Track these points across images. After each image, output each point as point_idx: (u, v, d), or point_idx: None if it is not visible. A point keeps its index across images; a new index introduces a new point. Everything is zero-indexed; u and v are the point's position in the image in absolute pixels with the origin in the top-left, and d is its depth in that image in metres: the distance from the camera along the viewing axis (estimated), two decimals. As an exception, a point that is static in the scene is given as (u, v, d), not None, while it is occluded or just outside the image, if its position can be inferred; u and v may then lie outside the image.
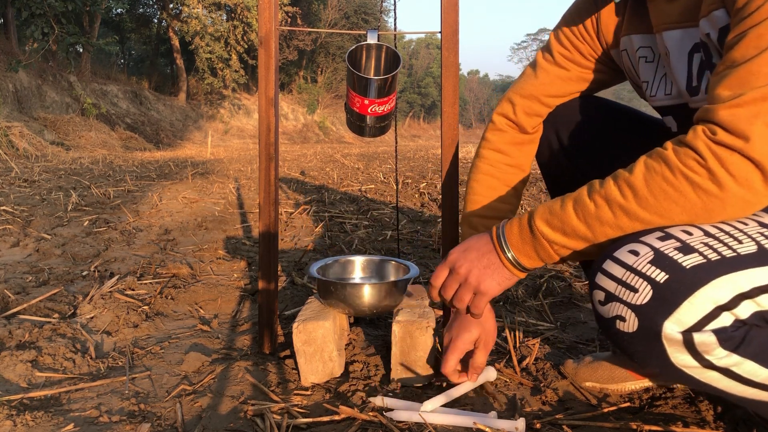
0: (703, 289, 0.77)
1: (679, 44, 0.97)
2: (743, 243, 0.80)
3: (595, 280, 0.86)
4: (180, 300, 1.84)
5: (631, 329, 0.82)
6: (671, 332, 0.79)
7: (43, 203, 3.73)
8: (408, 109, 44.32)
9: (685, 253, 0.80)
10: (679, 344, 0.80)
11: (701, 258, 0.79)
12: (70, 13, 14.81)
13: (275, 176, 1.36)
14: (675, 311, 0.78)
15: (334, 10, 30.33)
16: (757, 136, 0.74)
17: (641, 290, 0.81)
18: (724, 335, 0.78)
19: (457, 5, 1.31)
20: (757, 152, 0.74)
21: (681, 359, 0.81)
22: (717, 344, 0.78)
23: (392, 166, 7.37)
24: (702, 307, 0.78)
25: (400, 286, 1.29)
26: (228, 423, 1.06)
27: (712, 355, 0.79)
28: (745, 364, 0.79)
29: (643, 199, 0.82)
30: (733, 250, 0.79)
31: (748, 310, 0.78)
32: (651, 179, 0.81)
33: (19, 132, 9.42)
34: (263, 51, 1.32)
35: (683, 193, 0.79)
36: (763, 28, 0.76)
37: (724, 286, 0.77)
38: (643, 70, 1.09)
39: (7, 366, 1.28)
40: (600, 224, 0.85)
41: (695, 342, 0.79)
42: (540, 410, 1.11)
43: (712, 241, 0.81)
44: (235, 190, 4.58)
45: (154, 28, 24.22)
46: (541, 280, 2.01)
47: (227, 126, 22.98)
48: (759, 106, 0.75)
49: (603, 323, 0.88)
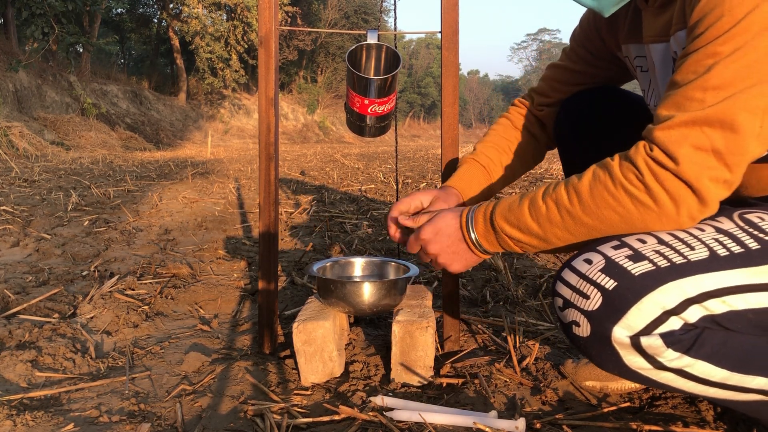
0: (650, 295, 0.82)
1: (662, 57, 1.00)
2: (695, 249, 0.84)
3: (555, 287, 0.92)
4: (180, 300, 1.84)
5: (585, 334, 0.88)
6: (620, 336, 0.84)
7: (43, 203, 3.73)
8: (408, 109, 44.33)
9: (635, 261, 0.84)
10: (629, 347, 0.84)
11: (650, 265, 0.83)
12: (70, 13, 14.81)
13: (275, 176, 1.36)
14: (623, 317, 0.83)
15: (334, 10, 30.33)
16: (684, 159, 0.79)
17: (592, 297, 0.86)
18: (672, 338, 0.82)
19: (457, 5, 1.31)
20: (687, 174, 0.79)
21: (634, 361, 0.86)
22: (665, 347, 0.83)
23: (392, 166, 7.37)
24: (649, 312, 0.82)
25: (400, 285, 1.29)
26: (228, 423, 1.06)
27: (663, 357, 0.84)
28: (697, 364, 0.83)
29: (586, 206, 0.87)
30: (683, 256, 0.83)
31: (696, 314, 0.81)
32: (594, 188, 0.86)
33: (19, 132, 9.42)
34: (263, 51, 1.32)
35: (622, 204, 0.84)
36: (702, 54, 0.80)
37: (672, 292, 0.81)
38: (641, 79, 1.13)
39: (7, 366, 1.28)
40: (550, 225, 0.91)
41: (643, 345, 0.83)
42: (540, 410, 1.11)
43: (664, 248, 0.84)
44: (235, 190, 4.58)
45: (154, 28, 24.21)
46: (541, 280, 2.01)
47: (227, 126, 22.98)
48: (688, 129, 0.79)
49: (563, 328, 0.93)
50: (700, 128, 0.79)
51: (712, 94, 0.78)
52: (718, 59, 0.78)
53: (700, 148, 0.79)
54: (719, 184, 0.80)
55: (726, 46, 0.78)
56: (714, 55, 0.79)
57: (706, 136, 0.78)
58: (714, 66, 0.78)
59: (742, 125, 0.77)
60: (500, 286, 1.96)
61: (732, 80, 0.77)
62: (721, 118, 0.78)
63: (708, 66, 0.79)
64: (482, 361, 1.32)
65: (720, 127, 0.78)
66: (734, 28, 0.77)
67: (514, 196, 0.97)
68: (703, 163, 0.79)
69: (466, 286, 1.96)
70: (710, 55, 0.79)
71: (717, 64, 0.78)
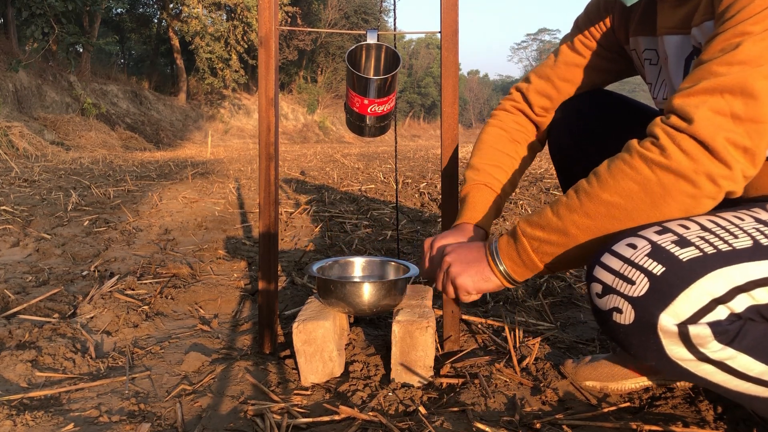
0: (699, 282, 0.79)
1: (678, 50, 0.99)
2: (739, 237, 0.82)
3: (593, 273, 0.88)
4: (180, 300, 1.84)
5: (628, 321, 0.84)
6: (667, 324, 0.80)
7: (43, 203, 3.73)
8: (408, 109, 44.32)
9: (682, 246, 0.81)
10: (674, 336, 0.81)
11: (698, 251, 0.80)
12: (70, 13, 14.81)
13: (275, 176, 1.36)
14: (671, 303, 0.79)
15: (334, 10, 30.33)
16: (700, 118, 0.79)
17: (638, 282, 0.82)
18: (719, 328, 0.79)
19: (456, 5, 1.31)
20: (700, 131, 0.79)
21: (676, 352, 0.82)
22: (712, 337, 0.80)
23: (392, 166, 7.37)
24: (698, 299, 0.79)
25: (399, 286, 1.29)
26: (228, 423, 1.06)
27: (707, 348, 0.80)
28: (739, 357, 0.80)
29: (603, 182, 0.86)
30: (728, 244, 0.81)
31: (743, 304, 0.79)
32: (612, 163, 0.87)
33: (19, 132, 9.42)
34: (263, 51, 1.32)
35: (638, 170, 0.83)
36: (730, 33, 0.80)
37: (720, 280, 0.79)
38: (648, 72, 1.11)
39: (7, 366, 1.28)
40: (569, 212, 0.89)
41: (690, 334, 0.80)
42: (540, 410, 1.11)
43: (708, 235, 0.82)
44: (235, 190, 4.58)
45: (154, 28, 24.21)
46: (541, 280, 2.01)
47: (227, 126, 22.98)
48: (707, 95, 0.80)
49: (600, 316, 0.89)
50: (720, 94, 0.79)
51: (737, 68, 0.78)
52: (747, 37, 0.78)
53: (719, 112, 0.79)
54: (738, 148, 0.79)
55: (758, 26, 0.78)
56: (743, 34, 0.79)
57: (725, 101, 0.78)
58: (742, 43, 0.78)
59: (763, 92, 0.77)
60: (500, 286, 1.96)
61: (759, 56, 0.77)
62: (742, 85, 0.78)
63: (736, 44, 0.79)
64: (482, 361, 1.32)
65: (740, 94, 0.78)
66: (767, 10, 0.77)
67: None
68: (719, 124, 0.78)
69: (466, 286, 1.96)
70: (739, 34, 0.79)
71: (745, 41, 0.78)
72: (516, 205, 3.80)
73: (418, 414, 1.06)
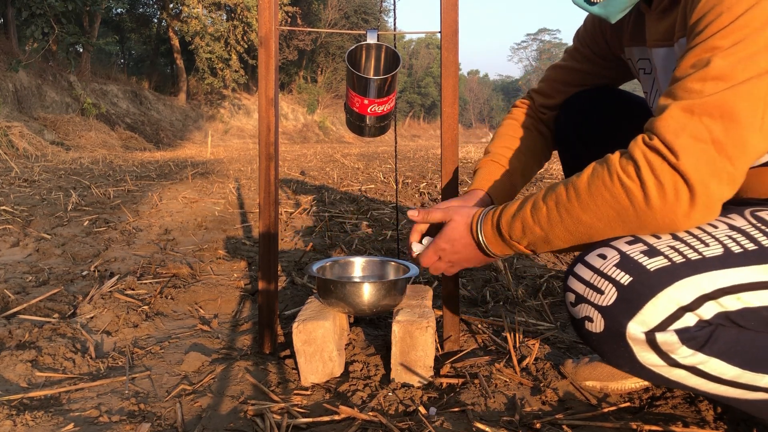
0: (665, 291, 0.81)
1: (665, 62, 1.00)
2: (710, 246, 0.83)
3: (567, 282, 0.91)
4: (180, 300, 1.84)
5: (599, 330, 0.86)
6: (635, 332, 0.83)
7: (43, 203, 3.73)
8: (408, 109, 44.32)
9: (650, 256, 0.83)
10: (643, 344, 0.83)
11: (666, 261, 0.82)
12: (70, 13, 14.81)
13: (275, 176, 1.36)
14: (638, 312, 0.82)
15: (334, 10, 30.33)
16: (684, 151, 0.77)
17: (607, 292, 0.84)
18: (687, 335, 0.81)
19: (456, 5, 1.31)
20: (686, 168, 0.77)
21: (647, 358, 0.85)
22: (680, 343, 0.82)
23: (392, 166, 7.37)
24: (664, 308, 0.81)
25: (399, 286, 1.29)
26: (228, 423, 1.06)
27: (677, 354, 0.83)
28: (710, 362, 0.82)
29: (583, 202, 0.86)
30: (698, 252, 0.82)
31: (711, 311, 0.80)
32: (592, 183, 0.85)
33: (19, 132, 9.42)
34: (263, 51, 1.32)
35: (617, 199, 0.82)
36: (700, 49, 0.80)
37: (687, 288, 0.80)
38: (644, 82, 1.13)
39: (7, 366, 1.28)
40: (550, 226, 0.91)
41: (658, 341, 0.82)
42: (540, 410, 1.11)
43: (678, 244, 0.83)
44: (235, 190, 4.58)
45: (154, 28, 24.21)
46: (541, 280, 2.01)
47: (227, 126, 22.98)
48: (686, 118, 0.78)
49: (574, 324, 0.92)
50: (699, 118, 0.77)
51: (711, 85, 0.77)
52: (717, 52, 0.78)
53: (699, 138, 0.77)
54: (722, 179, 0.77)
55: (725, 40, 0.77)
56: (713, 49, 0.78)
57: (704, 126, 0.77)
58: (712, 58, 0.78)
59: (742, 114, 0.76)
60: (500, 286, 1.96)
61: (731, 71, 0.76)
62: (721, 107, 0.76)
63: (707, 59, 0.78)
64: (482, 361, 1.32)
65: (719, 117, 0.76)
66: (734, 23, 0.77)
67: (518, 201, 0.97)
68: (703, 155, 0.77)
69: (466, 286, 1.96)
70: (709, 50, 0.79)
71: (715, 56, 0.78)
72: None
73: (418, 414, 1.06)
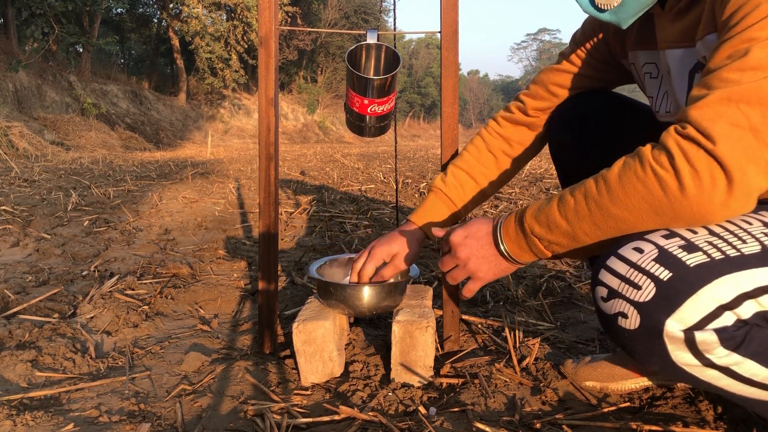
0: (706, 288, 0.78)
1: (680, 63, 0.98)
2: (747, 243, 0.81)
3: (598, 276, 0.87)
4: (180, 300, 1.84)
5: (633, 326, 0.83)
6: (673, 330, 0.80)
7: (43, 203, 3.73)
8: (408, 109, 44.31)
9: (689, 251, 0.80)
10: (680, 342, 0.80)
11: (705, 257, 0.80)
12: (70, 12, 14.81)
13: (275, 176, 1.36)
14: (677, 309, 0.79)
15: (334, 10, 30.33)
16: (720, 137, 0.75)
17: (644, 287, 0.81)
18: (725, 334, 0.79)
19: (456, 5, 1.31)
20: (723, 154, 0.75)
21: (682, 357, 0.82)
22: (718, 343, 0.79)
23: (392, 166, 7.37)
24: (705, 305, 0.78)
25: (400, 287, 1.29)
26: (228, 423, 1.06)
27: (713, 354, 0.80)
28: (745, 363, 0.80)
29: (614, 195, 0.83)
30: (737, 249, 0.80)
31: (750, 310, 0.78)
32: (623, 174, 0.83)
33: (19, 132, 9.41)
34: (263, 51, 1.32)
35: (651, 190, 0.80)
36: (737, 40, 0.79)
37: (727, 286, 0.78)
38: (648, 86, 1.11)
39: (7, 366, 1.28)
40: (578, 219, 0.88)
41: (697, 340, 0.79)
42: (540, 410, 1.11)
43: (716, 240, 0.81)
44: (235, 190, 4.58)
45: (154, 28, 24.21)
46: (541, 280, 2.01)
47: (227, 126, 22.97)
48: (724, 106, 0.77)
49: (605, 320, 0.88)
50: (736, 105, 0.76)
51: (750, 74, 0.76)
52: (755, 43, 0.77)
53: (737, 125, 0.75)
54: (759, 166, 0.76)
55: (764, 32, 0.77)
56: (750, 40, 0.78)
57: (742, 113, 0.76)
58: (751, 48, 0.77)
59: None
60: (500, 286, 1.96)
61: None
62: (759, 94, 0.75)
63: (744, 50, 0.78)
64: (482, 361, 1.32)
65: (758, 104, 0.75)
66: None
67: (543, 198, 0.96)
68: (740, 141, 0.75)
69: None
70: (746, 41, 0.78)
71: (754, 47, 0.77)
72: (516, 204, 3.80)
73: (418, 414, 1.06)
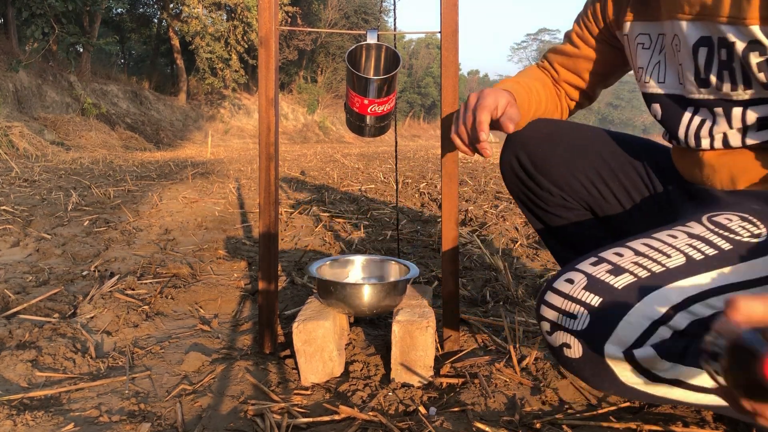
0: (636, 307, 0.80)
1: (687, 36, 0.96)
2: (671, 257, 0.82)
3: (540, 312, 0.89)
4: (180, 300, 1.84)
5: (578, 355, 0.85)
6: (614, 352, 0.81)
7: (43, 203, 3.73)
8: (408, 109, 44.29)
9: (616, 274, 0.82)
10: (623, 363, 0.82)
11: (632, 277, 0.82)
12: (70, 13, 14.80)
13: (275, 176, 1.36)
14: (613, 332, 0.80)
15: (334, 10, 30.32)
16: None
17: (579, 316, 0.83)
18: (663, 348, 0.80)
19: (456, 5, 1.31)
20: None
21: (629, 377, 0.83)
22: (659, 357, 0.80)
23: (392, 166, 7.37)
24: (638, 324, 0.80)
25: (400, 287, 1.29)
26: (228, 423, 1.06)
27: (657, 368, 0.81)
28: (692, 372, 0.81)
29: None
30: (662, 265, 0.82)
31: (685, 320, 0.79)
32: None
33: (19, 132, 9.41)
34: (263, 51, 1.32)
35: None
36: None
37: (657, 301, 0.79)
38: (640, 56, 1.10)
39: (7, 366, 1.28)
40: None
41: (637, 358, 0.81)
42: (540, 410, 1.11)
43: (641, 259, 0.83)
44: (235, 190, 4.58)
45: (154, 28, 24.20)
46: (541, 280, 2.01)
47: (227, 126, 22.97)
48: None
49: (554, 352, 0.90)
50: None
51: None
52: None
53: None
54: None
55: None
56: None
57: None
58: None
59: None
60: (500, 286, 1.96)
61: None
62: None
63: None
64: (482, 361, 1.32)
65: None
66: None
67: None
68: None
69: (466, 286, 1.96)
70: None
71: None
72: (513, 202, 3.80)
73: (418, 414, 1.06)
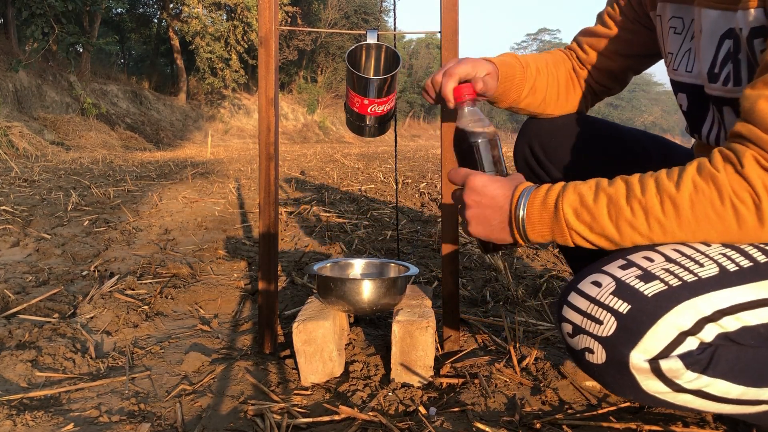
0: (665, 317, 0.78)
1: (713, 26, 0.92)
2: (704, 266, 0.80)
3: (562, 312, 0.87)
4: (180, 300, 1.84)
5: (600, 361, 0.83)
6: (638, 362, 0.80)
7: (43, 203, 3.73)
8: (408, 109, 44.28)
9: (646, 281, 0.80)
10: (647, 372, 0.81)
11: (662, 285, 0.79)
12: (70, 12, 14.80)
13: (275, 176, 1.36)
14: (640, 341, 0.79)
15: (334, 10, 30.32)
16: None
17: (606, 322, 0.81)
18: (690, 359, 0.79)
19: (456, 5, 1.31)
20: None
21: (652, 386, 0.82)
22: (685, 368, 0.79)
23: (392, 166, 7.37)
24: (666, 334, 0.78)
25: (399, 284, 1.29)
26: (228, 423, 1.06)
27: (682, 379, 0.80)
28: (715, 383, 0.80)
29: (684, 220, 0.78)
30: (694, 274, 0.80)
31: (712, 333, 0.78)
32: (698, 202, 0.77)
33: (19, 132, 9.42)
34: (263, 51, 1.32)
35: (726, 222, 0.76)
36: None
37: (687, 312, 0.78)
38: (671, 41, 1.06)
39: (7, 366, 1.28)
40: (631, 231, 0.82)
41: (662, 369, 0.80)
42: (540, 410, 1.11)
43: (673, 266, 0.81)
44: (235, 190, 4.58)
45: (154, 27, 24.21)
46: (541, 280, 2.01)
47: (227, 126, 22.97)
48: None
49: (574, 355, 0.88)
50: None
51: None
52: None
53: None
54: None
55: None
56: None
57: None
58: None
59: None
60: (500, 286, 1.96)
61: None
62: None
63: None
64: (482, 361, 1.32)
65: None
66: None
67: (583, 186, 0.85)
68: None
69: (466, 286, 1.96)
70: None
71: None
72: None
73: (418, 414, 1.06)
